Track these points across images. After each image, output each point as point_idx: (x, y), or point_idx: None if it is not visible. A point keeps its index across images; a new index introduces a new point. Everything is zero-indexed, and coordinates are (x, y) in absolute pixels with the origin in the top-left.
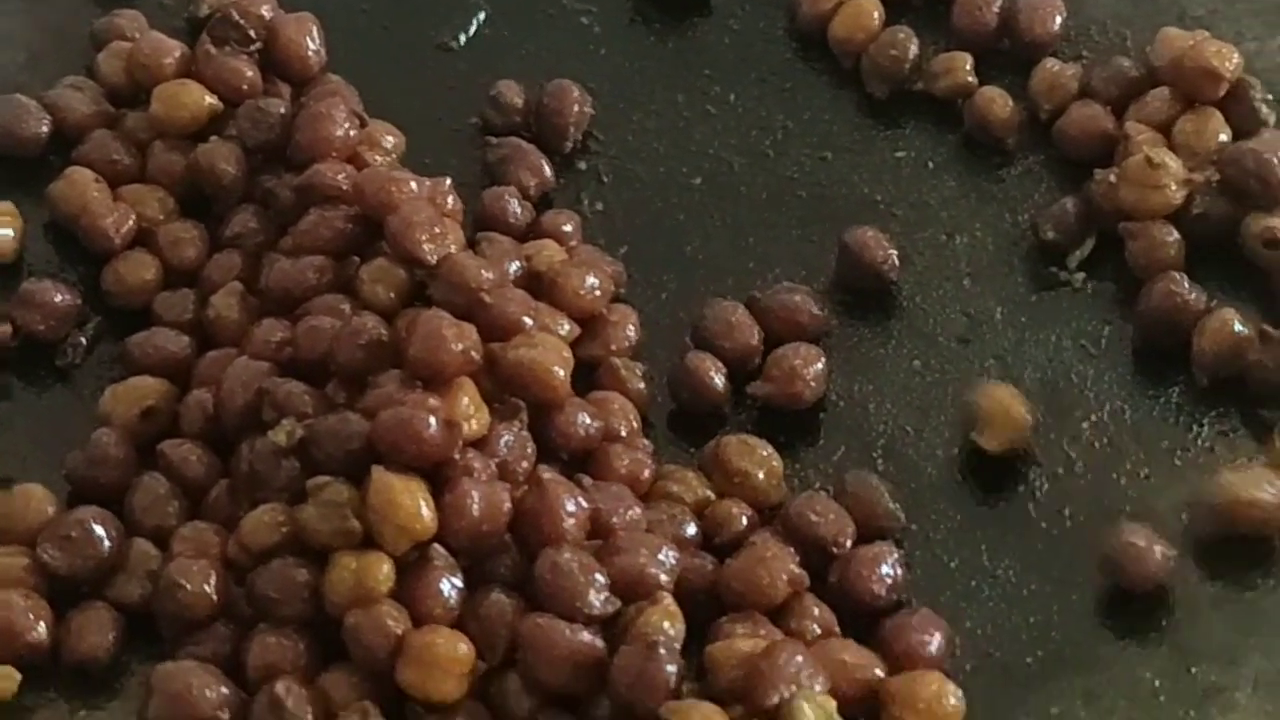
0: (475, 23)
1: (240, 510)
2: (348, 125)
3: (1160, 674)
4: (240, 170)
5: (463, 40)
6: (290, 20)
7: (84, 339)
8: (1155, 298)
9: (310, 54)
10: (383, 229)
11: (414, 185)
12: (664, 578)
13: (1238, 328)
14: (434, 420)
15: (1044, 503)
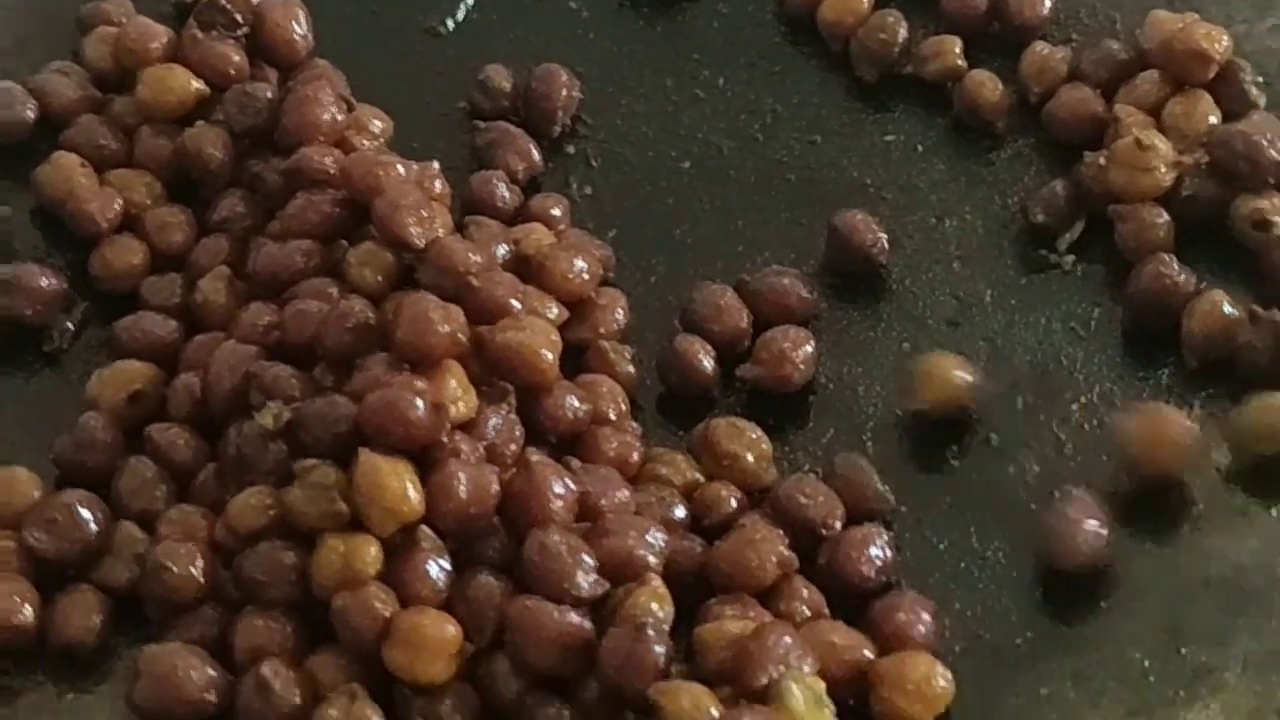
0: (463, 7)
1: (228, 493)
2: (335, 109)
3: (1150, 654)
4: (227, 155)
5: (451, 24)
6: (277, 5)
7: (71, 324)
8: (1145, 280)
9: (297, 38)
10: (370, 213)
11: (401, 169)
12: (653, 560)
13: (1227, 309)
14: (421, 402)
15: (1034, 485)
